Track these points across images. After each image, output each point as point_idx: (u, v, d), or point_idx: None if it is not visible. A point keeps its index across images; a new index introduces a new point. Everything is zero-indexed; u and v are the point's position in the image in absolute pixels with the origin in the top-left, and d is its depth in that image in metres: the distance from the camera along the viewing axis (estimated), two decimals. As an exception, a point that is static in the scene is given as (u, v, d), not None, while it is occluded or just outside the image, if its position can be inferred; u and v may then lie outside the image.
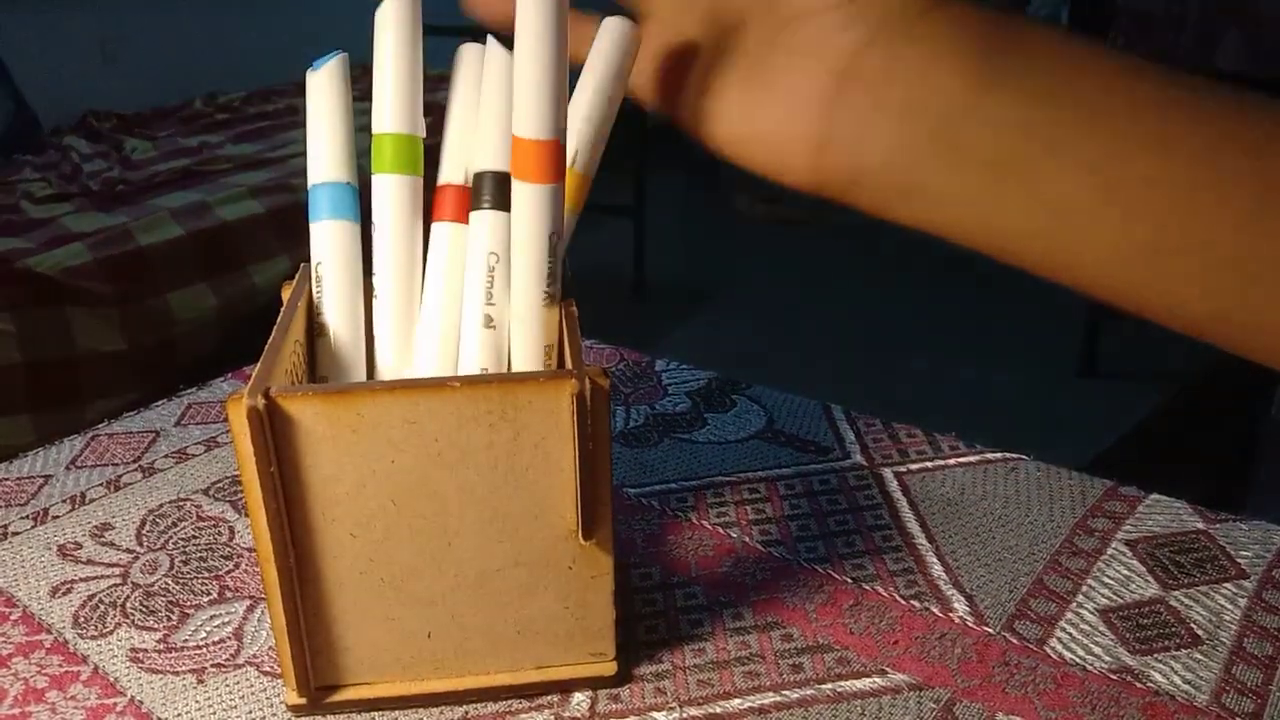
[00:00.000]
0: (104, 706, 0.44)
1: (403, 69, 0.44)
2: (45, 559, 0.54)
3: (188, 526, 0.56)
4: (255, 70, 2.66)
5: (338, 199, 0.44)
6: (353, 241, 0.44)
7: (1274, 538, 0.53)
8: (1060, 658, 0.45)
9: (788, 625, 0.47)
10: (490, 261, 0.42)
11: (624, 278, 2.82)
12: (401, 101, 0.44)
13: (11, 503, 0.59)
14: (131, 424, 0.68)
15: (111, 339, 1.52)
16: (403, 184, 0.44)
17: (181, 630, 0.48)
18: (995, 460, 0.60)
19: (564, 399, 0.38)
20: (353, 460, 0.38)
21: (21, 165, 2.00)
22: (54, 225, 1.64)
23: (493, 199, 0.42)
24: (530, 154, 0.37)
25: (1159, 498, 0.57)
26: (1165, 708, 0.42)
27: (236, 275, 1.68)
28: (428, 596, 0.41)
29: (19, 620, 0.49)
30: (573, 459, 0.39)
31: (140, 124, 2.30)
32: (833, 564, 0.52)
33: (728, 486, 0.59)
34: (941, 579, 0.50)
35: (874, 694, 0.43)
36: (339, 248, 0.44)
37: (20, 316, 1.42)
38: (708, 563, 0.52)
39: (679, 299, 2.82)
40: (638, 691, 0.44)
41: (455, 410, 0.38)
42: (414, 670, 0.42)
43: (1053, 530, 0.54)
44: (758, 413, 0.67)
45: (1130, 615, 0.48)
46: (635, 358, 0.75)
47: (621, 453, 0.63)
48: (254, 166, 1.91)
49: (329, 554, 0.40)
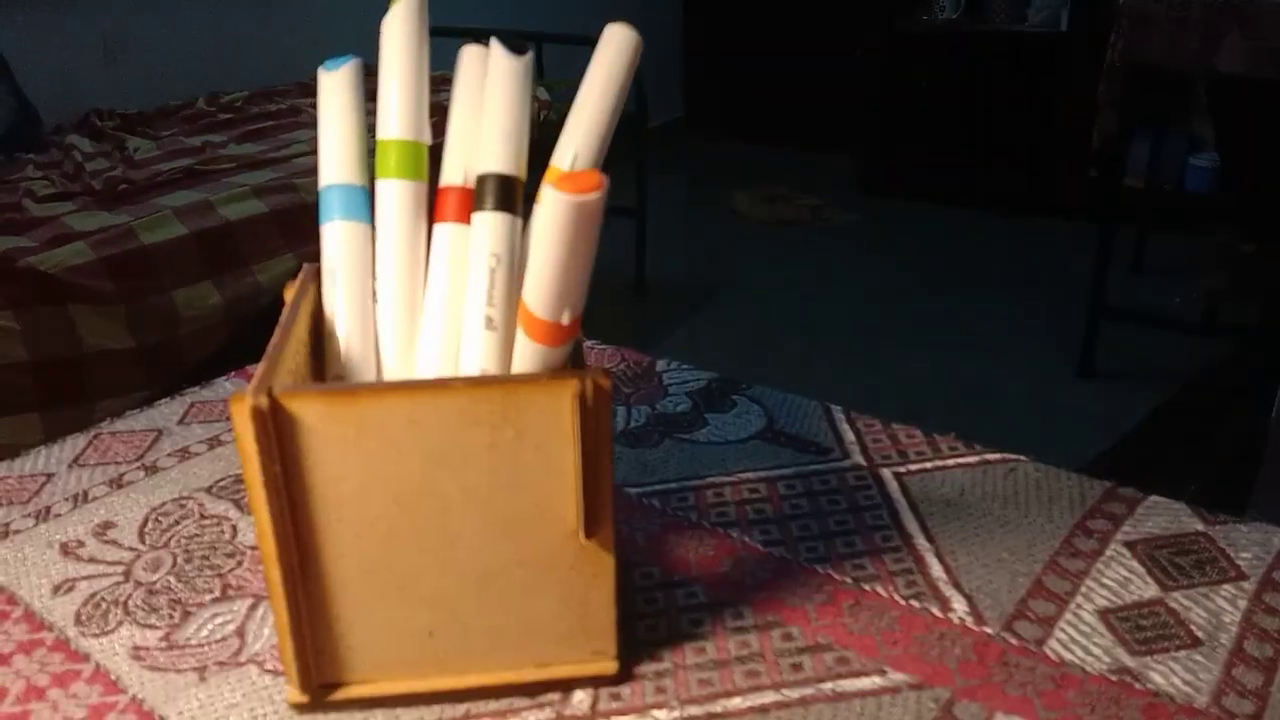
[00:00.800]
0: (105, 704, 0.44)
1: (408, 76, 0.44)
2: (47, 557, 0.54)
3: (190, 525, 0.57)
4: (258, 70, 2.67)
5: (350, 200, 0.44)
6: (365, 243, 0.45)
7: (1274, 539, 0.53)
8: (1059, 658, 0.45)
9: (788, 625, 0.48)
10: (491, 263, 0.42)
11: (625, 278, 2.82)
12: (407, 108, 0.44)
13: (14, 501, 0.59)
14: (134, 422, 0.68)
15: (118, 336, 1.52)
16: (406, 189, 0.44)
17: (183, 628, 0.48)
18: (995, 461, 0.60)
19: (566, 399, 0.38)
20: (356, 460, 0.38)
21: (24, 164, 2.00)
22: (56, 224, 1.64)
23: (495, 201, 0.42)
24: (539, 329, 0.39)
25: (1158, 499, 0.57)
26: (1165, 709, 0.42)
27: (240, 274, 1.68)
28: (430, 595, 0.41)
29: (21, 618, 0.49)
30: (574, 459, 0.39)
31: (143, 123, 2.30)
32: (832, 564, 0.52)
33: (728, 486, 0.59)
34: (941, 579, 0.51)
35: (873, 693, 0.43)
36: (352, 248, 0.44)
37: (24, 315, 1.42)
38: (708, 562, 0.52)
39: (679, 299, 2.82)
40: (638, 690, 0.44)
41: (458, 411, 0.38)
42: (416, 668, 0.43)
43: (1052, 531, 0.54)
44: (758, 413, 0.67)
45: (1129, 616, 0.48)
46: (636, 358, 0.75)
47: (622, 452, 0.63)
48: (257, 166, 1.91)
49: (332, 553, 0.40)
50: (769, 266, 3.04)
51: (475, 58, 0.44)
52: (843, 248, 3.18)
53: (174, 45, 2.56)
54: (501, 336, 0.42)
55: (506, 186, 0.42)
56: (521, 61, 0.43)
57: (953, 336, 2.56)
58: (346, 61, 0.45)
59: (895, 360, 2.45)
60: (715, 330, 2.61)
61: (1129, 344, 2.41)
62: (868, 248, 3.17)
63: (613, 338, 0.78)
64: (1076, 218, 3.13)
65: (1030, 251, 3.12)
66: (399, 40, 0.44)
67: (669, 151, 4.10)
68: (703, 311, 2.72)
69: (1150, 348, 2.42)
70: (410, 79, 0.44)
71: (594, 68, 0.41)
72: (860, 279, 2.95)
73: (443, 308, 0.44)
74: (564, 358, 0.41)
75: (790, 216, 3.41)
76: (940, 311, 2.72)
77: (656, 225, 2.87)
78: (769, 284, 2.92)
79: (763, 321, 2.68)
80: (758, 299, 2.82)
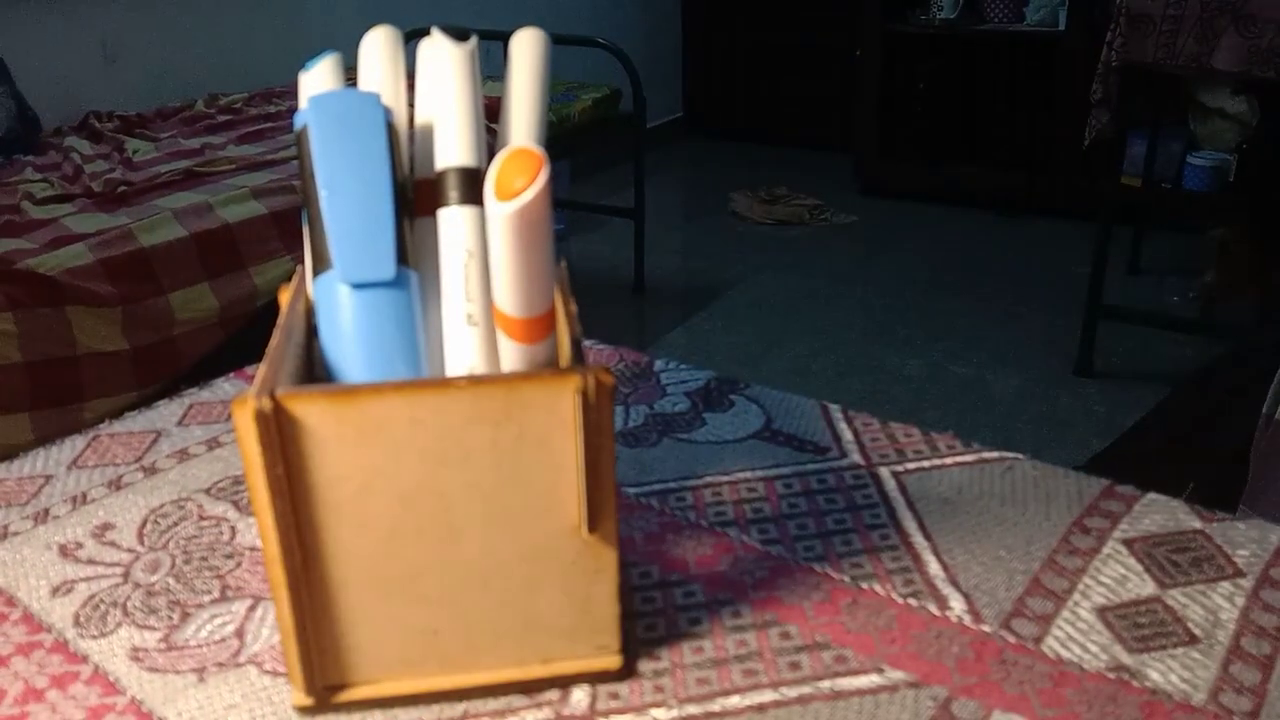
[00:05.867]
0: (104, 706, 0.44)
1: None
2: (46, 559, 0.54)
3: (189, 526, 0.57)
4: (257, 71, 2.67)
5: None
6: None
7: (1271, 537, 0.53)
8: (1057, 656, 0.45)
9: (786, 623, 0.48)
10: (464, 258, 0.42)
11: (624, 278, 2.82)
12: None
13: (12, 502, 0.59)
14: (133, 424, 0.68)
15: (113, 339, 1.52)
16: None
17: (183, 629, 0.48)
18: (992, 460, 0.61)
19: (567, 396, 0.38)
20: (359, 460, 0.38)
21: (23, 166, 2.00)
22: (55, 226, 1.64)
23: (461, 195, 0.42)
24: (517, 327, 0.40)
25: (1156, 497, 0.57)
26: (1162, 706, 0.42)
27: (237, 276, 1.68)
28: (434, 594, 0.41)
29: (19, 620, 0.49)
30: (576, 455, 0.39)
31: (142, 125, 2.30)
32: (830, 563, 0.52)
33: (726, 486, 0.59)
34: (939, 577, 0.51)
35: (871, 691, 0.43)
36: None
37: (22, 317, 1.42)
38: (706, 561, 0.52)
39: (678, 299, 2.82)
40: (637, 689, 0.44)
41: (460, 409, 0.38)
42: (420, 668, 0.43)
43: (1049, 529, 0.54)
44: (756, 412, 0.67)
45: (1127, 614, 0.48)
46: (634, 357, 0.75)
47: (621, 452, 0.63)
48: (256, 168, 1.91)
49: (335, 554, 0.40)
50: (768, 266, 3.04)
51: (430, 51, 0.45)
52: (842, 248, 3.18)
53: (173, 47, 2.55)
54: (483, 331, 0.42)
55: (470, 178, 0.42)
56: (465, 48, 0.43)
57: (951, 335, 2.56)
58: (323, 58, 0.45)
59: (893, 359, 2.45)
60: (714, 330, 2.61)
61: (1126, 343, 2.42)
62: (867, 248, 3.16)
63: (611, 338, 0.78)
64: (1074, 217, 3.13)
65: (1028, 251, 3.12)
66: (376, 60, 0.45)
67: (668, 151, 4.10)
68: (701, 311, 2.72)
69: (1148, 347, 2.42)
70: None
71: (514, 70, 0.42)
72: (859, 279, 2.95)
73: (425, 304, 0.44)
74: (549, 352, 0.41)
75: (790, 216, 3.41)
76: (938, 310, 2.72)
77: (655, 225, 2.87)
78: (768, 284, 2.92)
79: (761, 321, 2.68)
80: (756, 299, 2.82)
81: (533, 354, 0.40)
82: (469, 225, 0.42)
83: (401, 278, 0.41)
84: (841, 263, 3.08)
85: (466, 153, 0.42)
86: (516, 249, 0.36)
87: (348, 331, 0.41)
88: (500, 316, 0.39)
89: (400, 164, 0.43)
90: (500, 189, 0.35)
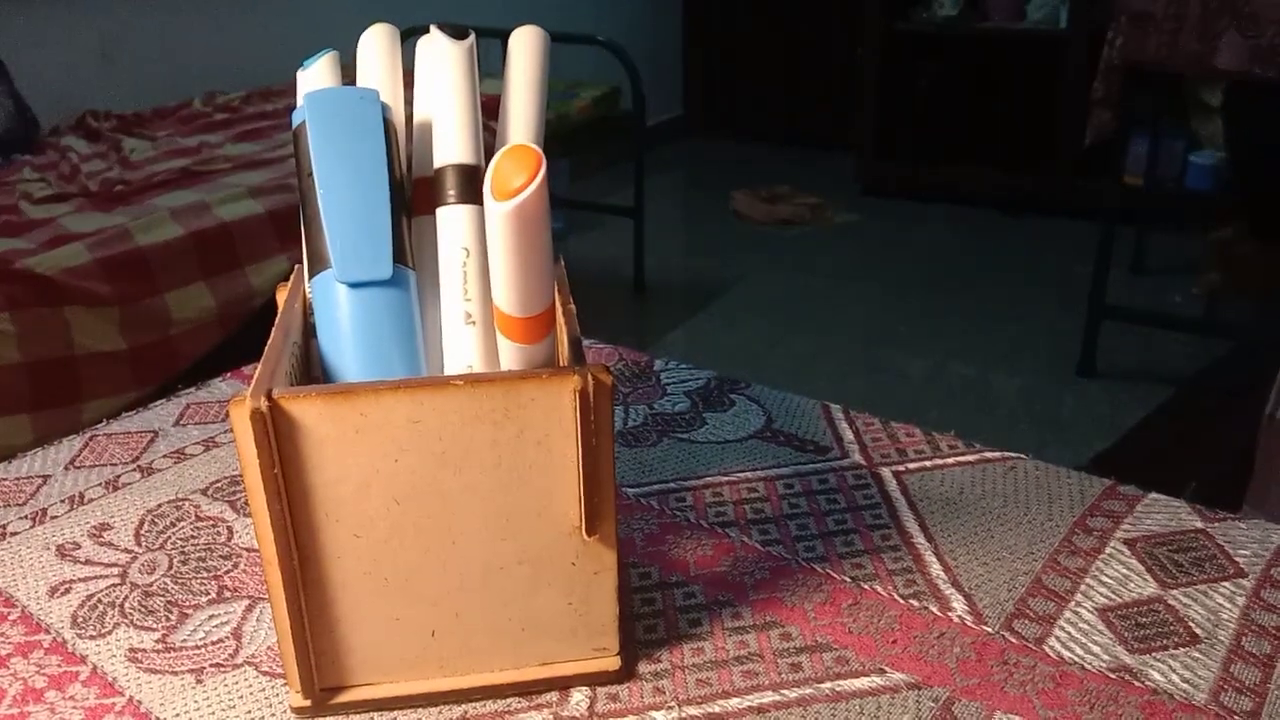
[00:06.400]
0: (102, 706, 0.44)
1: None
2: (44, 559, 0.54)
3: (186, 526, 0.56)
4: (254, 70, 2.66)
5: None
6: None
7: (1272, 537, 0.53)
8: (1059, 656, 0.45)
9: (786, 624, 0.47)
10: (462, 256, 0.42)
11: (624, 278, 2.82)
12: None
13: (10, 503, 0.59)
14: (130, 424, 0.68)
15: (110, 339, 1.52)
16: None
17: (180, 630, 0.48)
18: (994, 459, 0.60)
19: (567, 395, 0.38)
20: (356, 461, 0.38)
21: (20, 165, 2.00)
22: (53, 225, 1.64)
23: (458, 193, 0.42)
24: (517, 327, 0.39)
25: (1158, 497, 0.57)
26: (1164, 706, 0.42)
27: (234, 275, 1.68)
28: (432, 595, 0.41)
29: (17, 620, 0.49)
30: (576, 455, 0.39)
31: (139, 124, 2.30)
32: (831, 563, 0.52)
33: (726, 486, 0.59)
34: (940, 578, 0.50)
35: (873, 693, 0.43)
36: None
37: (19, 317, 1.42)
38: (706, 562, 0.52)
39: (678, 299, 2.82)
40: (636, 690, 0.44)
41: (459, 409, 0.38)
42: (418, 669, 0.43)
43: (1051, 529, 0.54)
44: (756, 412, 0.67)
45: (1129, 614, 0.48)
46: (634, 357, 0.75)
47: (620, 452, 0.63)
48: (253, 166, 1.91)
49: (333, 555, 0.40)
50: (768, 266, 3.04)
51: (429, 49, 0.45)
52: (843, 247, 3.18)
53: (170, 46, 2.55)
54: (481, 330, 0.42)
55: (468, 177, 0.42)
56: (464, 46, 0.42)
57: (953, 335, 2.56)
58: (321, 56, 0.45)
59: (895, 359, 2.45)
60: (714, 330, 2.61)
61: (1129, 343, 2.41)
62: (868, 247, 3.16)
63: (611, 337, 0.78)
64: (1076, 216, 3.13)
65: (1030, 250, 3.12)
66: (373, 58, 0.45)
67: (668, 151, 4.10)
68: (701, 311, 2.72)
69: (1150, 347, 2.42)
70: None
71: (511, 70, 0.42)
72: (860, 278, 2.95)
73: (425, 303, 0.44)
74: (548, 351, 0.40)
75: (790, 216, 3.40)
76: (940, 310, 2.72)
77: (656, 225, 2.87)
78: (768, 283, 2.92)
79: (762, 321, 2.67)
80: (757, 299, 2.82)
81: (531, 353, 0.40)
82: (467, 224, 0.42)
83: (399, 276, 0.41)
84: (843, 262, 3.08)
85: (465, 151, 0.42)
86: (515, 247, 0.36)
87: (345, 331, 0.41)
88: (499, 315, 0.39)
89: (398, 162, 0.42)
90: (498, 187, 0.35)
